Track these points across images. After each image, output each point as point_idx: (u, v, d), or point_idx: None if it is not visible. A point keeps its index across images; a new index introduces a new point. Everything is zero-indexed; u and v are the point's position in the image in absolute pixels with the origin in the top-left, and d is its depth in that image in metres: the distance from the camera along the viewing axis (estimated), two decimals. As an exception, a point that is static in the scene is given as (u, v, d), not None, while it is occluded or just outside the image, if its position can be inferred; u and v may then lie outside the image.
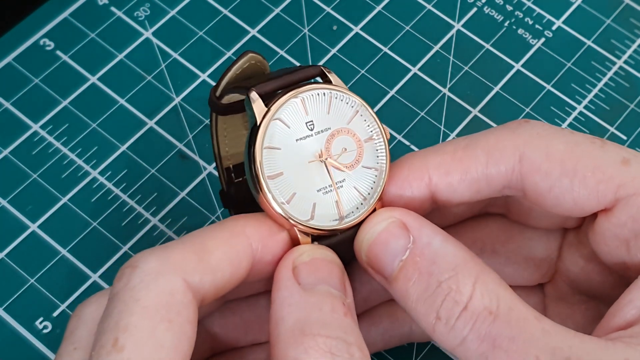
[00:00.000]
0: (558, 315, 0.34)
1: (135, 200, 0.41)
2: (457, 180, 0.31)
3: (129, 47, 0.44)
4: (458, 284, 0.28)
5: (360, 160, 0.32)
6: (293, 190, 0.30)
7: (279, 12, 0.46)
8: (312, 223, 0.30)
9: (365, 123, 0.32)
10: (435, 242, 0.29)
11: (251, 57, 0.33)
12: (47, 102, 0.43)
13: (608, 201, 0.30)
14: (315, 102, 0.31)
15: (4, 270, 0.39)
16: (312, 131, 0.31)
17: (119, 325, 0.26)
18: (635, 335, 0.28)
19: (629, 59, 0.45)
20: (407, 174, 0.31)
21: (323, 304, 0.28)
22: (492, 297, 0.28)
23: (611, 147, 0.31)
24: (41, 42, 0.44)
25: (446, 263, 0.29)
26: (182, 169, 0.42)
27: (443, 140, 0.43)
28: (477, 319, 0.28)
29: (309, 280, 0.28)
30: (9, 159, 0.41)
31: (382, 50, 0.45)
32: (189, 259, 0.27)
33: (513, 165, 0.31)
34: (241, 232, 0.29)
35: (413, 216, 0.30)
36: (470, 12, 0.46)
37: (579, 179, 0.30)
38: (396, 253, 0.29)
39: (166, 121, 0.43)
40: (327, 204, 0.31)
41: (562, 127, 0.32)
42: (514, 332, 0.27)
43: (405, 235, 0.29)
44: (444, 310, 0.28)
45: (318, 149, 0.31)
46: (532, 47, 0.45)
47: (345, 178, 0.31)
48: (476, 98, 0.44)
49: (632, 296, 0.29)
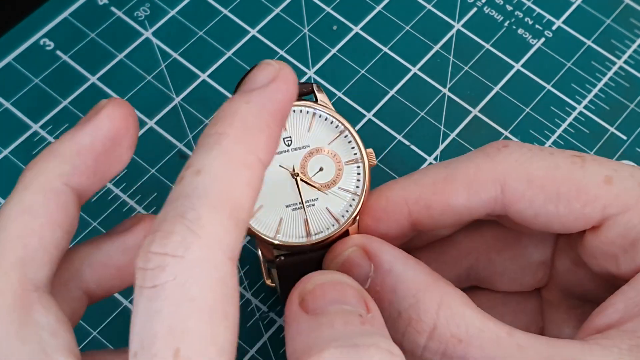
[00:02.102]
0: (554, 320, 0.34)
1: (135, 200, 0.41)
2: (439, 212, 0.31)
3: (129, 47, 0.44)
4: (419, 312, 0.27)
5: (338, 181, 0.31)
6: (260, 203, 0.30)
7: (279, 12, 0.46)
8: (278, 237, 0.30)
9: (350, 145, 0.31)
10: (396, 268, 0.29)
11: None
12: (47, 102, 0.43)
13: (595, 221, 0.30)
14: (296, 119, 0.31)
15: (4, 270, 0.39)
16: (289, 147, 0.31)
17: (174, 333, 0.22)
18: (611, 337, 0.27)
19: (629, 59, 0.45)
20: (386, 205, 0.31)
21: (334, 321, 0.25)
22: (459, 323, 0.27)
23: (592, 165, 0.30)
24: (41, 42, 0.44)
25: (406, 290, 0.28)
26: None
27: (443, 140, 0.43)
28: (446, 348, 0.27)
29: (317, 305, 0.26)
30: (9, 159, 0.41)
31: (382, 50, 0.45)
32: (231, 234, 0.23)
33: (495, 196, 0.30)
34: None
35: (375, 243, 0.30)
36: (470, 12, 0.46)
37: (563, 204, 0.30)
38: (360, 282, 0.29)
39: (166, 121, 0.43)
40: (294, 221, 0.30)
41: (542, 147, 0.31)
42: (489, 355, 0.27)
43: (366, 263, 0.29)
44: (407, 341, 0.28)
45: (291, 165, 0.31)
46: (532, 47, 0.45)
47: (318, 197, 0.31)
48: (476, 98, 0.44)
49: (615, 300, 0.29)
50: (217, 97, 0.43)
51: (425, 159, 0.42)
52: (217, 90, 0.44)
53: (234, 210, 0.23)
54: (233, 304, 0.23)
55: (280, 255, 0.31)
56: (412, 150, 0.42)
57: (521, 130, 0.43)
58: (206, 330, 0.22)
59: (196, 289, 0.22)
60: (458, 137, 0.43)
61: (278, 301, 0.39)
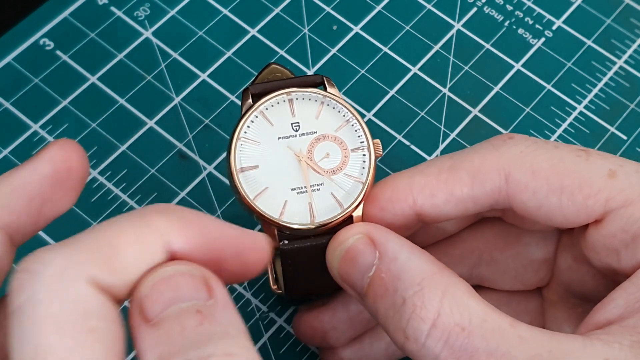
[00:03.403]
0: (555, 319, 0.34)
1: (135, 200, 0.41)
2: (443, 201, 0.31)
3: (129, 47, 0.44)
4: (423, 299, 0.28)
5: (344, 167, 0.32)
6: (266, 185, 0.31)
7: (279, 12, 0.46)
8: (282, 219, 0.30)
9: (356, 133, 0.32)
10: (402, 256, 0.29)
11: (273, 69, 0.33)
12: (47, 102, 0.43)
13: (597, 214, 0.30)
14: (305, 106, 0.32)
15: (4, 270, 0.39)
16: (297, 132, 0.32)
17: (38, 353, 0.21)
18: (612, 333, 0.27)
19: (629, 59, 0.45)
20: (391, 195, 0.31)
21: (171, 330, 0.23)
22: (462, 312, 0.27)
23: (596, 158, 0.30)
24: (41, 42, 0.44)
25: (411, 278, 0.28)
26: (182, 169, 0.42)
27: (443, 140, 0.43)
28: (449, 336, 0.27)
29: (154, 312, 0.23)
30: (9, 159, 0.41)
31: (382, 50, 0.45)
32: (96, 258, 0.23)
33: (499, 186, 0.30)
34: (155, 230, 0.24)
35: (380, 231, 0.30)
36: (470, 12, 0.46)
37: (566, 196, 0.30)
38: (364, 270, 0.29)
39: (166, 121, 0.43)
40: (299, 204, 0.31)
41: (547, 141, 0.31)
42: (491, 345, 0.27)
43: (371, 251, 0.29)
44: (411, 329, 0.28)
45: (298, 149, 0.31)
46: (532, 47, 0.45)
47: (323, 182, 0.31)
48: (476, 98, 0.44)
49: (615, 295, 0.29)
50: (217, 97, 0.43)
51: (425, 159, 0.42)
52: (217, 90, 0.44)
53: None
54: (100, 318, 0.22)
55: (284, 239, 0.31)
56: (412, 150, 0.42)
57: (521, 130, 0.43)
58: (68, 347, 0.21)
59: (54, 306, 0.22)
60: (458, 137, 0.43)
61: (278, 301, 0.39)
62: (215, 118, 0.43)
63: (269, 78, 0.33)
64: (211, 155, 0.42)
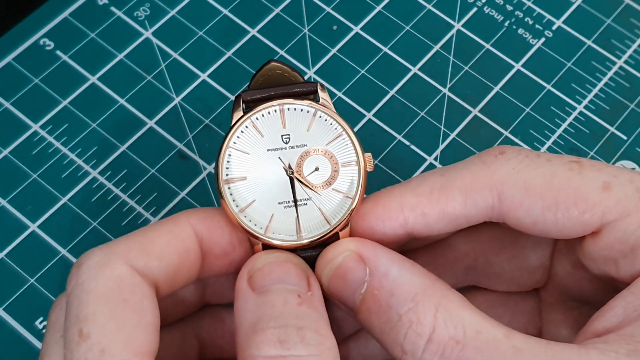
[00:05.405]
0: (552, 321, 0.34)
1: (135, 200, 0.41)
2: (435, 220, 0.31)
3: (129, 47, 0.44)
4: (418, 315, 0.28)
5: (333, 182, 0.31)
6: (253, 197, 0.30)
7: (279, 12, 0.46)
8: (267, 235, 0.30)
9: (347, 148, 0.31)
10: (393, 271, 0.29)
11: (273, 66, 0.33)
12: (47, 102, 0.43)
13: (594, 227, 0.30)
14: (296, 117, 0.31)
15: (3, 270, 0.39)
16: (287, 144, 0.31)
17: (80, 318, 0.27)
18: (610, 342, 0.27)
19: (629, 59, 0.45)
20: (382, 212, 0.31)
21: (276, 300, 0.28)
22: (457, 325, 0.27)
23: (589, 171, 0.30)
24: (41, 42, 0.44)
25: (405, 293, 0.28)
26: (182, 169, 0.42)
27: (443, 140, 0.43)
28: (444, 350, 0.27)
29: (262, 283, 0.28)
30: (9, 159, 0.41)
31: (382, 50, 0.45)
32: (131, 247, 0.28)
33: (492, 204, 0.30)
34: (184, 221, 0.30)
35: (369, 246, 0.30)
36: (470, 12, 0.46)
37: (562, 212, 0.30)
38: (355, 286, 0.29)
39: (166, 121, 0.43)
40: (286, 218, 0.30)
41: (539, 153, 0.31)
42: (485, 357, 0.27)
43: (361, 267, 0.29)
44: (408, 344, 0.28)
45: (287, 162, 0.31)
46: (532, 47, 0.45)
47: (311, 197, 0.31)
48: (476, 98, 0.44)
49: (614, 304, 0.29)
50: (217, 97, 0.43)
51: (425, 159, 0.42)
52: (217, 90, 0.44)
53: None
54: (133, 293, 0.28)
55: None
56: (412, 150, 0.42)
57: (521, 130, 0.43)
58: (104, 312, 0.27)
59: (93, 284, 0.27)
60: (458, 137, 0.43)
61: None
62: (215, 118, 0.43)
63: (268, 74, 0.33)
64: (211, 155, 0.42)
